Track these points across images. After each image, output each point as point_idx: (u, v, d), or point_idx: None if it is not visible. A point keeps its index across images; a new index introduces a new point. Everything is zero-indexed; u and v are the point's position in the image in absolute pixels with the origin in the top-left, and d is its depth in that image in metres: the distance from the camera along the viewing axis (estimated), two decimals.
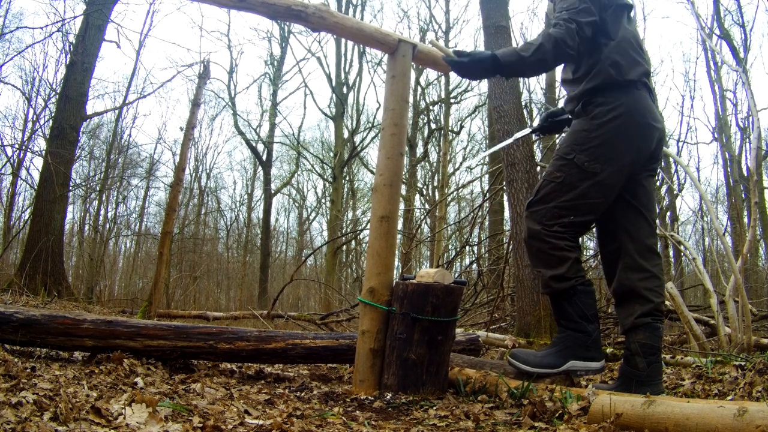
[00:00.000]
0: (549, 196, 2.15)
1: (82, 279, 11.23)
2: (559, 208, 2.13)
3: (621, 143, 2.09)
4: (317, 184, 20.98)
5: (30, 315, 2.28)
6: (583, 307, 2.13)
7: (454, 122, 16.88)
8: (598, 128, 2.09)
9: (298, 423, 1.58)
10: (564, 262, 2.10)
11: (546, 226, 2.14)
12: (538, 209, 2.18)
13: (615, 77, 2.09)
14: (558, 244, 2.12)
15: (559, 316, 2.20)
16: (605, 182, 2.10)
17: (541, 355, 2.17)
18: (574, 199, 2.11)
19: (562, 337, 2.17)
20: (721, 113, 13.28)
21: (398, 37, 2.60)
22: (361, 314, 2.36)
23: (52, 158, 8.08)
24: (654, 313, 2.07)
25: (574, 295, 2.13)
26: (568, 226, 2.13)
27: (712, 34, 12.45)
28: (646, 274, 2.12)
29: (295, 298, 14.86)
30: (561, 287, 2.12)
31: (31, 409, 1.31)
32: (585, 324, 2.13)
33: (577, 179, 2.10)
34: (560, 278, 2.11)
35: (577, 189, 2.10)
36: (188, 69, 16.93)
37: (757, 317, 4.94)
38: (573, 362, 2.11)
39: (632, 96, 2.11)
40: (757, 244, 11.40)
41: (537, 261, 2.20)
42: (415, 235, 8.40)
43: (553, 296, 2.18)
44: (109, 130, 15.88)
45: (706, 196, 4.13)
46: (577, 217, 2.13)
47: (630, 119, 2.08)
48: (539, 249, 2.16)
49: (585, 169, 2.08)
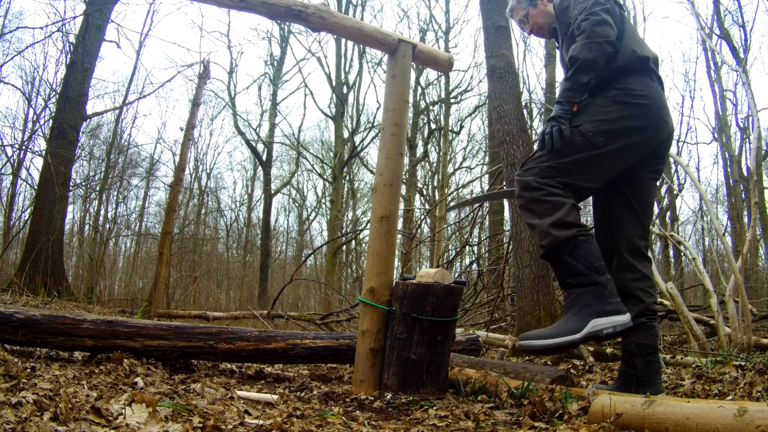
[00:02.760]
0: (544, 156, 2.05)
1: (82, 279, 11.23)
2: (551, 168, 2.02)
3: (632, 126, 2.03)
4: (317, 184, 21.01)
5: (30, 315, 2.28)
6: (590, 257, 1.92)
7: (454, 122, 16.89)
8: (613, 105, 2.04)
9: (298, 423, 1.58)
10: (561, 206, 1.95)
11: (537, 179, 2.02)
12: (530, 167, 2.07)
13: (636, 62, 2.08)
14: (552, 190, 1.99)
15: (565, 275, 1.96)
16: (605, 158, 2.02)
17: (557, 325, 1.89)
18: (569, 163, 2.02)
19: (574, 297, 1.91)
20: (721, 113, 13.29)
21: (398, 37, 2.60)
22: (361, 314, 2.36)
23: (52, 158, 8.08)
24: (647, 313, 2.05)
25: (576, 246, 1.93)
26: (556, 187, 2.01)
27: (712, 34, 12.45)
28: (637, 275, 2.09)
29: (295, 298, 14.85)
30: (563, 235, 1.91)
31: (31, 409, 1.31)
32: (596, 275, 1.90)
33: (578, 146, 2.02)
34: (561, 224, 1.93)
35: (575, 155, 2.02)
36: (188, 69, 16.96)
37: (757, 317, 4.94)
38: (596, 320, 1.84)
39: (652, 86, 2.09)
40: (757, 244, 11.40)
41: (531, 213, 2.02)
42: (415, 235, 8.40)
43: (554, 252, 1.96)
44: (109, 130, 15.91)
45: (706, 196, 4.13)
46: (568, 180, 2.02)
47: (647, 108, 2.05)
48: (532, 198, 2.01)
49: (588, 138, 2.01)
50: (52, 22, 11.40)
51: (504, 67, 4.83)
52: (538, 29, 2.47)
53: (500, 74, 4.81)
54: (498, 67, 4.83)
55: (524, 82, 11.43)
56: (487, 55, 4.99)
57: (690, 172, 4.58)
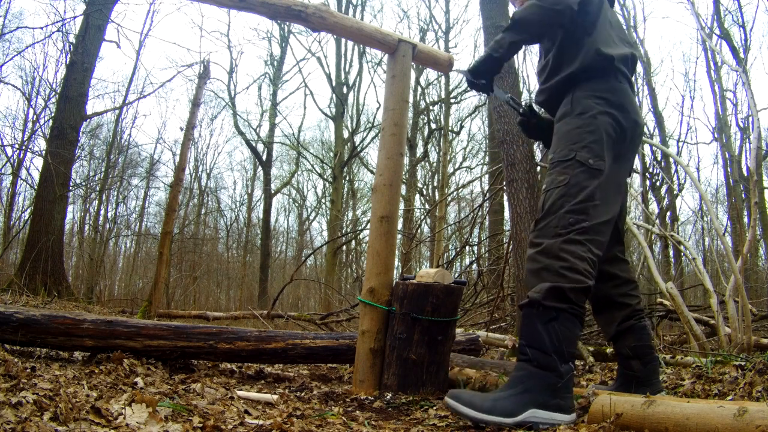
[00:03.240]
0: (557, 203, 1.84)
1: (82, 279, 11.23)
2: (570, 213, 1.80)
3: (612, 136, 1.91)
4: (317, 184, 21.01)
5: (30, 315, 2.28)
6: (562, 337, 1.69)
7: (454, 122, 16.89)
8: (590, 123, 1.90)
9: (298, 423, 1.58)
10: (575, 283, 1.72)
11: (561, 237, 1.77)
12: (546, 223, 1.84)
13: (600, 62, 1.94)
14: (575, 264, 1.74)
15: (526, 340, 1.73)
16: (613, 178, 1.91)
17: (493, 398, 1.67)
18: (585, 200, 1.82)
19: (523, 375, 1.69)
20: (721, 113, 13.28)
21: (398, 37, 2.60)
22: (361, 314, 2.36)
23: (52, 158, 8.08)
24: (635, 315, 2.04)
25: (557, 319, 1.70)
26: (584, 234, 1.79)
27: (712, 34, 12.46)
28: (617, 281, 2.07)
29: (295, 298, 14.85)
30: (552, 305, 1.70)
31: (31, 409, 1.30)
32: (558, 362, 1.67)
33: (585, 178, 1.84)
34: (559, 294, 1.71)
35: (587, 189, 1.83)
36: (188, 69, 16.94)
37: (757, 317, 4.94)
38: (535, 411, 1.62)
39: (619, 87, 1.96)
40: (757, 244, 11.40)
41: (536, 278, 1.78)
42: (415, 235, 8.40)
43: (530, 309, 1.75)
44: (109, 130, 15.92)
45: (706, 196, 4.13)
46: (593, 221, 1.81)
47: (619, 111, 1.93)
48: (546, 266, 1.76)
49: (591, 166, 1.85)
50: (52, 22, 11.41)
51: (504, 66, 4.83)
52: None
53: (500, 74, 4.81)
54: None
55: (524, 82, 11.42)
56: None
57: (690, 172, 4.58)
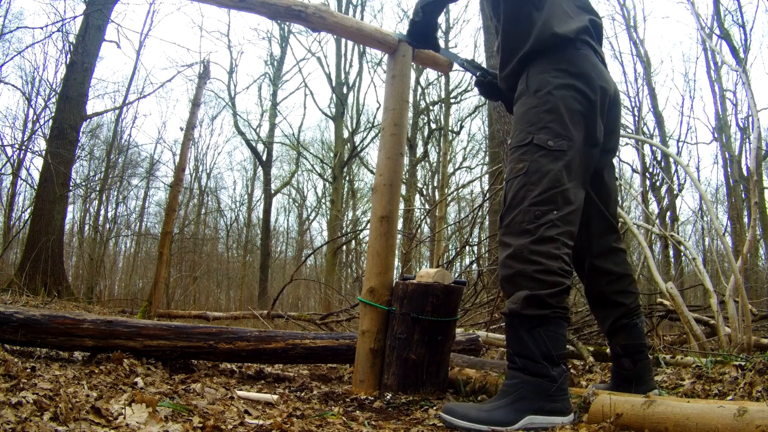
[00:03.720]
0: (519, 194, 1.72)
1: (82, 279, 11.23)
2: (535, 205, 1.69)
3: (576, 109, 1.75)
4: (317, 184, 21.03)
5: (30, 315, 2.28)
6: (549, 342, 1.63)
7: (454, 122, 16.90)
8: (546, 100, 1.75)
9: (298, 423, 1.58)
10: (552, 286, 1.65)
11: (530, 234, 1.67)
12: (511, 219, 1.73)
13: (556, 42, 1.80)
14: (549, 265, 1.65)
15: (514, 350, 1.68)
16: (577, 159, 1.74)
17: (488, 409, 1.64)
18: (549, 188, 1.69)
19: (516, 383, 1.65)
20: (721, 113, 13.29)
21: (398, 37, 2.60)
22: (361, 314, 2.36)
23: (52, 158, 8.08)
24: (628, 314, 2.00)
25: (541, 325, 1.63)
26: (554, 227, 1.68)
27: (712, 34, 12.46)
28: (611, 277, 1.99)
29: (295, 298, 14.85)
30: (532, 313, 1.63)
31: (31, 409, 1.30)
32: (549, 367, 1.63)
33: (546, 163, 1.70)
34: (537, 301, 1.64)
35: (549, 175, 1.69)
36: (188, 69, 17.02)
37: (757, 317, 4.93)
38: (532, 418, 1.60)
39: (575, 55, 1.80)
40: (757, 244, 11.40)
41: (511, 285, 1.69)
42: (415, 235, 8.39)
43: (512, 320, 1.68)
44: (109, 130, 15.93)
45: (706, 196, 4.13)
46: (561, 211, 1.69)
47: (581, 80, 1.77)
48: (519, 272, 1.67)
49: (550, 148, 1.70)
50: (52, 22, 11.41)
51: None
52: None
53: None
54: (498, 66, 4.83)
55: None
56: (487, 55, 4.99)
57: (690, 172, 4.58)
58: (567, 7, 1.89)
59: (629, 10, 14.55)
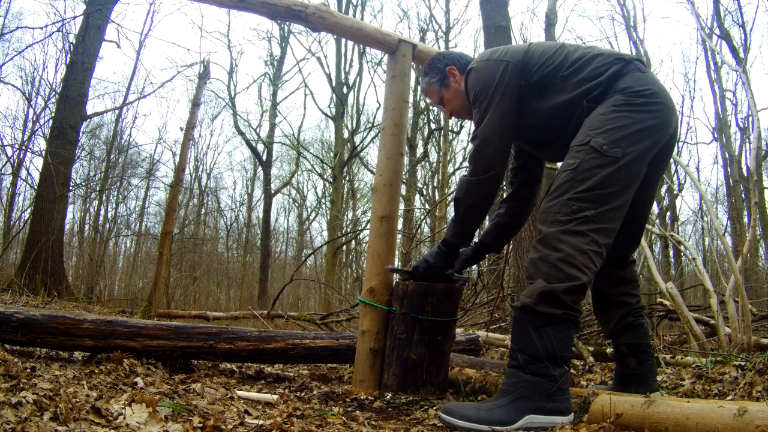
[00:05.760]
0: (562, 187, 1.77)
1: (82, 279, 11.23)
2: (574, 200, 1.73)
3: (649, 125, 1.80)
4: (317, 184, 21.03)
5: (30, 315, 2.28)
6: (555, 342, 1.65)
7: (454, 122, 16.87)
8: (618, 109, 1.80)
9: (298, 423, 1.58)
10: (570, 280, 1.66)
11: (562, 224, 1.72)
12: (550, 205, 1.78)
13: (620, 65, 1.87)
14: (573, 257, 1.68)
15: (518, 346, 1.70)
16: (628, 170, 1.77)
17: (488, 408, 1.66)
18: (592, 188, 1.73)
19: (516, 383, 1.67)
20: (721, 113, 13.29)
21: (398, 37, 2.60)
22: (361, 314, 2.36)
23: (52, 158, 8.08)
24: (632, 313, 2.03)
25: (550, 324, 1.65)
26: (587, 223, 1.71)
27: (712, 34, 12.46)
28: (615, 281, 2.04)
29: (295, 298, 14.85)
30: (545, 310, 1.66)
31: (31, 409, 1.31)
32: (551, 367, 1.64)
33: (595, 165, 1.75)
34: (552, 298, 1.66)
35: (596, 177, 1.73)
36: (188, 69, 17.08)
37: (757, 317, 4.93)
38: (532, 417, 1.61)
39: (650, 77, 1.87)
40: (757, 244, 11.40)
41: (536, 268, 1.73)
42: (415, 235, 8.39)
43: (523, 314, 1.71)
44: (109, 130, 15.94)
45: (706, 196, 4.13)
46: (597, 210, 1.72)
47: (660, 101, 1.83)
48: (543, 257, 1.71)
49: (604, 153, 1.75)
50: (52, 22, 11.42)
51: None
52: (458, 112, 2.26)
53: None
54: None
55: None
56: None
57: (690, 172, 4.58)
58: (573, 78, 1.94)
59: (629, 10, 14.57)
